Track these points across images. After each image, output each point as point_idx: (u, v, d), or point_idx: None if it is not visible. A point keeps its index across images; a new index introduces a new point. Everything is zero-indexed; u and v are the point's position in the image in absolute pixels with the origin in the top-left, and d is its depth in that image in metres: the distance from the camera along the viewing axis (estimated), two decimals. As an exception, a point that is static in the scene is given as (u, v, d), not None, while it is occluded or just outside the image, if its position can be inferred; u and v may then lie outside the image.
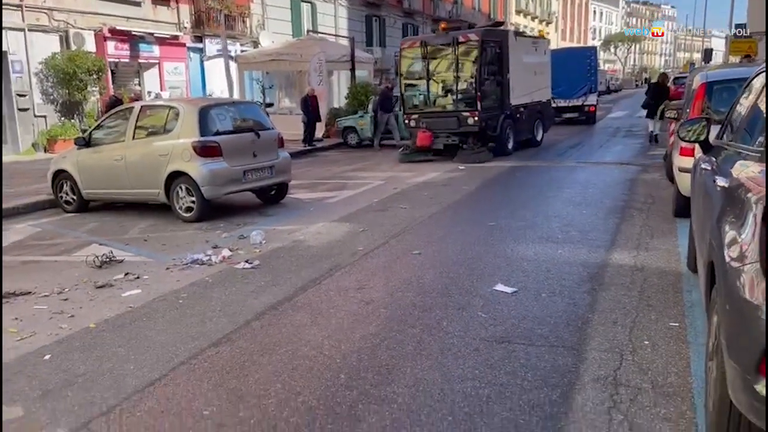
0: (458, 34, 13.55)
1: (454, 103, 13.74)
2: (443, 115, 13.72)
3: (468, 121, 13.21)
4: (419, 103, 14.46)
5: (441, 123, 13.63)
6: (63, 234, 7.85)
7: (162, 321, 4.59)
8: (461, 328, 4.23)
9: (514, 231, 6.91)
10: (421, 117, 13.95)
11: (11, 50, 15.92)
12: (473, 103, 13.29)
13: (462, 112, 13.38)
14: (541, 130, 16.16)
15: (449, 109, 13.77)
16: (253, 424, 3.09)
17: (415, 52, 14.21)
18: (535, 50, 16.07)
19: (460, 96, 13.62)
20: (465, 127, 13.28)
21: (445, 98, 14.00)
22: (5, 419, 3.22)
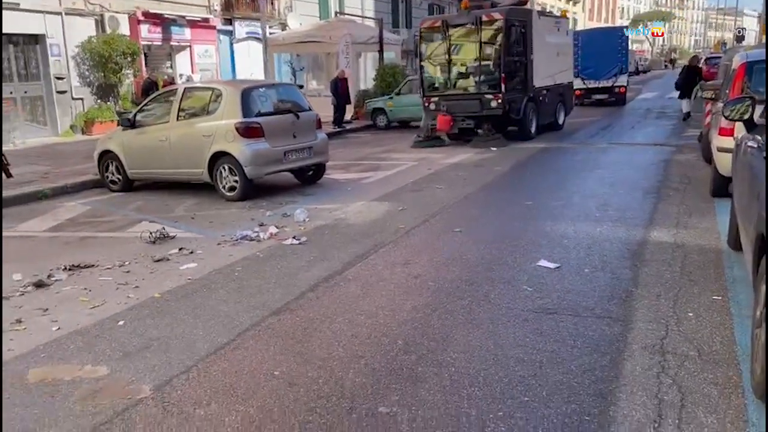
0: (481, 13, 12.97)
1: (476, 85, 13.21)
2: (465, 98, 13.24)
3: (491, 103, 12.76)
4: (439, 85, 13.89)
5: (462, 106, 13.17)
6: (112, 212, 8.17)
7: (222, 292, 4.85)
8: (509, 300, 4.41)
9: (551, 210, 7.04)
10: (441, 100, 13.41)
11: (49, 34, 16.28)
12: (497, 85, 12.82)
13: (485, 94, 12.87)
14: (563, 113, 15.71)
15: (471, 91, 13.25)
16: (322, 384, 3.32)
17: (436, 32, 13.70)
18: (557, 30, 15.55)
19: (482, 78, 13.13)
20: (488, 110, 12.84)
21: (467, 80, 13.45)
22: (92, 377, 3.50)
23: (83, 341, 4.00)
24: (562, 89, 15.62)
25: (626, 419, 2.87)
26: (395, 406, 3.06)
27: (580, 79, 22.41)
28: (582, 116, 18.47)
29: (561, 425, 2.84)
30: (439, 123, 12.99)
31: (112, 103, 17.91)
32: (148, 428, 2.96)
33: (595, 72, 21.82)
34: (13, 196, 8.88)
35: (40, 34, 16.10)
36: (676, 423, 2.82)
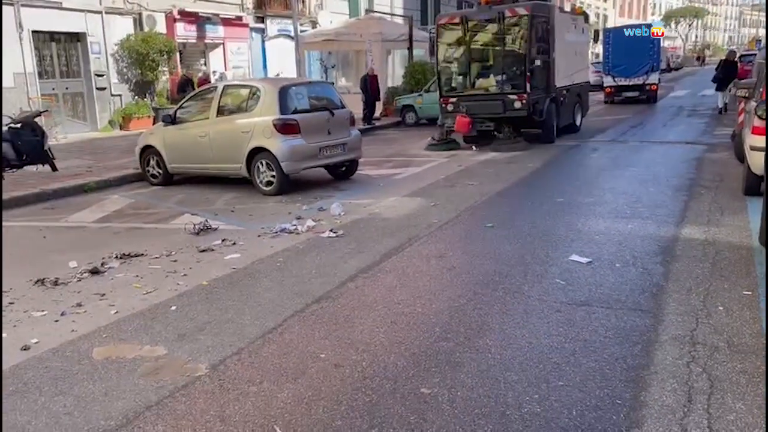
0: (504, 8, 12.20)
1: (498, 84, 12.52)
2: (486, 98, 12.52)
3: (514, 104, 12.02)
4: (458, 85, 13.19)
5: (483, 107, 12.46)
6: (155, 204, 8.50)
7: (266, 280, 5.10)
8: (542, 292, 4.57)
9: (583, 206, 7.16)
10: (460, 100, 12.64)
11: (90, 32, 16.80)
12: (521, 85, 12.12)
13: (508, 94, 12.15)
14: (580, 114, 15.00)
15: (493, 91, 12.53)
16: (365, 366, 3.53)
17: (454, 28, 12.86)
18: (574, 27, 14.77)
19: (505, 77, 12.46)
20: (511, 112, 12.14)
21: (488, 79, 12.72)
22: (152, 356, 3.76)
23: (140, 324, 4.27)
24: (579, 89, 14.97)
25: (657, 403, 3.02)
26: (436, 388, 3.25)
27: (610, 76, 22.33)
28: (612, 114, 18.41)
29: (594, 408, 3.01)
30: (458, 124, 12.30)
31: (149, 99, 18.40)
32: (207, 402, 3.20)
33: (625, 69, 21.68)
34: (61, 188, 9.30)
35: (81, 33, 16.63)
36: (706, 408, 2.96)
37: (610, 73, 22.30)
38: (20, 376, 3.56)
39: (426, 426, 2.91)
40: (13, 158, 10.03)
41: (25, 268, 5.61)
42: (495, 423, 2.91)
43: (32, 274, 5.38)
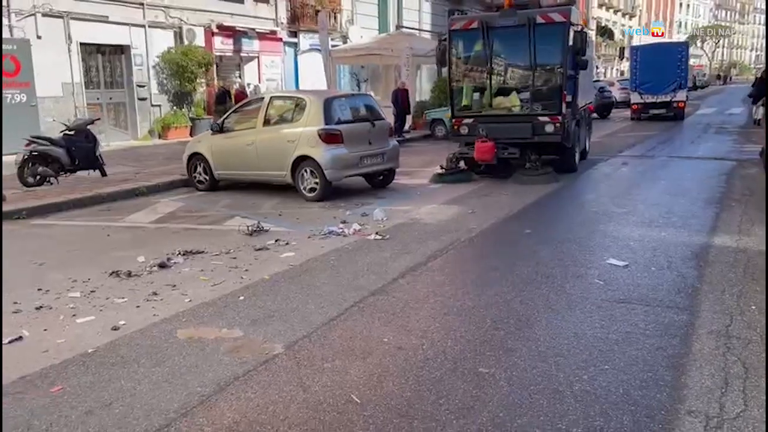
0: (535, 13, 10.22)
1: (524, 103, 10.56)
2: (511, 120, 10.58)
3: (546, 128, 10.19)
4: (474, 103, 10.94)
5: (507, 130, 10.42)
6: (205, 208, 8.97)
7: (322, 276, 5.49)
8: (582, 291, 4.90)
9: (617, 216, 7.46)
10: (478, 122, 10.62)
11: (133, 45, 17.51)
12: (556, 105, 10.24)
13: (538, 116, 10.31)
14: (588, 138, 13.35)
15: (517, 111, 10.61)
16: (426, 349, 3.89)
17: (471, 35, 10.75)
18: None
19: (535, 95, 10.49)
20: (542, 137, 10.27)
21: (511, 98, 10.71)
22: (231, 337, 4.16)
23: (214, 311, 4.68)
24: (586, 111, 13.38)
25: (697, 385, 3.34)
26: (493, 368, 3.60)
27: (637, 93, 22.57)
28: (640, 131, 18.64)
29: (639, 387, 3.33)
30: (478, 151, 10.19)
31: (186, 109, 19.05)
32: (287, 375, 3.58)
33: (653, 87, 21.90)
34: (115, 192, 9.82)
35: (125, 45, 17.33)
36: (741, 389, 3.27)
37: (637, 90, 22.54)
38: (116, 351, 3.98)
39: (487, 399, 3.26)
40: (68, 163, 10.64)
41: (97, 262, 6.07)
42: (549, 398, 3.25)
43: (105, 267, 5.82)
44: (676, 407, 3.12)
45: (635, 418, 3.03)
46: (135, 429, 3.04)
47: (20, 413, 3.22)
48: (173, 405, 3.26)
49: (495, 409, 3.15)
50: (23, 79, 14.50)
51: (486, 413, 3.11)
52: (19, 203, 8.77)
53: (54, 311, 4.73)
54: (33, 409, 3.26)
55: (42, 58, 14.88)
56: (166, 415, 3.17)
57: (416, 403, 3.23)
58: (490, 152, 10.20)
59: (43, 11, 15.07)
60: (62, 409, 3.25)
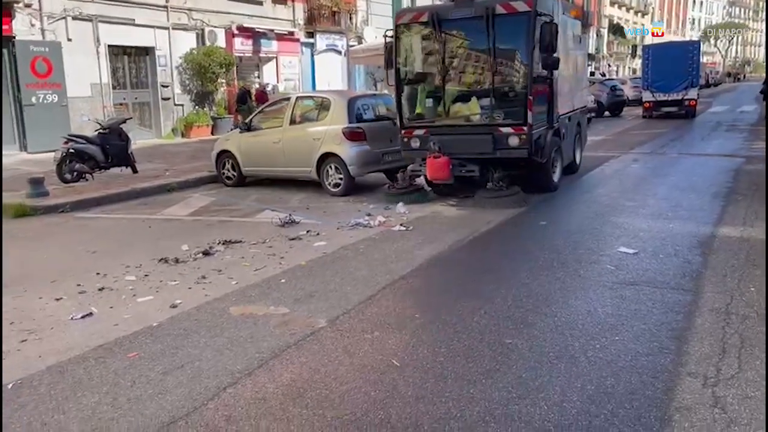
0: (494, 3, 8.24)
1: (485, 111, 8.59)
2: (468, 132, 8.64)
3: (509, 141, 8.21)
4: (426, 111, 9.06)
5: (464, 143, 8.47)
6: (236, 202, 9.48)
7: (354, 262, 5.96)
8: (595, 275, 5.34)
9: (627, 209, 7.87)
10: (431, 133, 8.70)
11: (158, 46, 18.08)
12: (520, 113, 8.25)
13: (500, 126, 8.31)
14: (579, 149, 11.28)
15: (477, 121, 8.66)
16: (455, 323, 4.35)
17: (419, 30, 8.91)
18: (572, 35, 10.59)
19: (495, 101, 8.51)
20: (505, 151, 8.29)
21: (470, 104, 8.72)
22: (278, 313, 4.64)
23: (259, 291, 5.17)
24: (579, 117, 11.24)
25: (697, 352, 3.77)
26: (515, 339, 4.05)
27: (649, 91, 22.86)
28: (651, 128, 18.95)
29: (646, 354, 3.77)
30: (430, 169, 8.43)
31: (208, 109, 19.61)
32: (333, 344, 4.06)
33: (664, 85, 22.18)
34: (149, 187, 10.37)
35: (150, 47, 17.91)
36: (737, 356, 3.70)
37: (648, 88, 22.82)
38: (178, 325, 4.47)
39: (511, 363, 3.72)
40: (102, 160, 11.17)
41: (144, 250, 6.59)
42: (566, 362, 3.70)
43: (153, 254, 6.33)
44: (678, 370, 3.56)
45: (642, 378, 3.47)
46: (207, 386, 3.53)
47: (105, 373, 3.72)
48: (237, 367, 3.75)
49: (518, 371, 3.61)
50: (55, 80, 15.14)
51: (511, 374, 3.57)
52: (62, 198, 9.33)
53: (115, 292, 5.24)
54: (116, 370, 3.76)
55: (72, 60, 15.50)
56: (232, 375, 3.65)
57: (449, 366, 3.69)
58: (444, 170, 8.31)
59: (73, 15, 15.67)
60: (141, 370, 3.75)
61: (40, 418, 3.23)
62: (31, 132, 14.81)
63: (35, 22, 15.04)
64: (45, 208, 8.87)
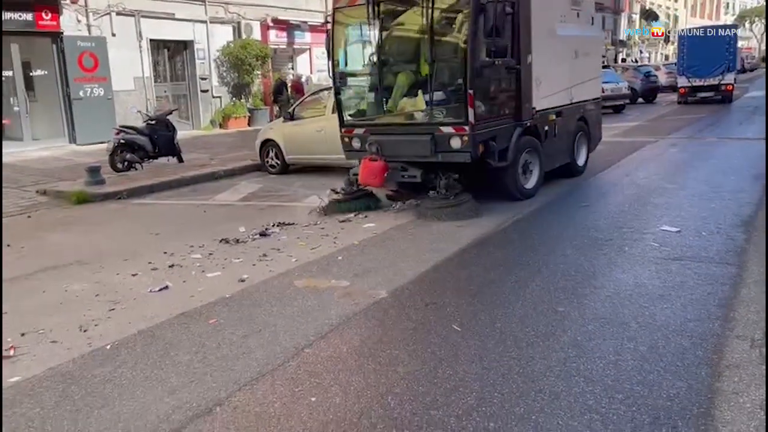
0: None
1: (426, 108, 7.40)
2: (407, 131, 7.58)
3: (452, 142, 7.04)
4: (368, 107, 8.27)
5: (403, 145, 7.44)
6: (282, 189, 9.84)
7: (403, 241, 6.25)
8: (640, 251, 5.54)
9: (668, 191, 8.01)
10: (371, 132, 7.72)
11: (196, 40, 18.56)
12: (460, 110, 7.06)
13: (440, 125, 7.15)
14: (584, 149, 9.81)
15: (418, 119, 7.56)
16: (507, 294, 4.61)
17: (358, 15, 7.76)
18: (577, 16, 9.29)
19: (436, 96, 7.37)
20: (447, 155, 7.14)
21: (415, 100, 7.58)
22: (340, 286, 4.95)
23: (319, 267, 5.49)
24: (584, 111, 9.74)
25: (744, 318, 3.98)
26: (567, 308, 4.30)
27: (684, 77, 22.63)
28: (687, 113, 18.84)
29: (694, 320, 3.98)
30: (363, 173, 7.48)
31: (245, 100, 20.06)
32: (397, 312, 4.36)
33: (700, 70, 21.93)
34: (197, 175, 10.81)
35: (189, 40, 18.40)
36: (782, 322, 3.90)
37: (684, 73, 22.59)
38: (249, 296, 4.82)
39: (565, 328, 3.97)
40: (150, 150, 11.65)
41: (204, 232, 6.97)
42: (617, 327, 3.93)
43: (213, 235, 6.70)
44: (725, 333, 3.77)
45: (692, 340, 3.70)
46: (286, 347, 3.86)
47: (191, 336, 4.08)
48: (310, 331, 4.08)
49: (573, 335, 3.86)
50: (101, 74, 15.69)
51: (566, 337, 3.82)
52: (118, 186, 9.81)
53: (185, 268, 5.62)
54: (200, 334, 4.12)
55: (116, 55, 16.04)
56: (307, 338, 3.98)
57: (506, 330, 3.96)
58: (377, 175, 7.33)
59: (117, 10, 16.19)
60: (223, 334, 4.10)
61: (141, 373, 3.60)
62: (80, 125, 15.40)
63: (81, 18, 15.60)
64: (103, 195, 9.35)
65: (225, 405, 3.19)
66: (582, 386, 3.21)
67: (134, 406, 3.21)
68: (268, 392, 3.32)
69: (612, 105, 21.00)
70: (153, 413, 3.13)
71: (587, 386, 3.21)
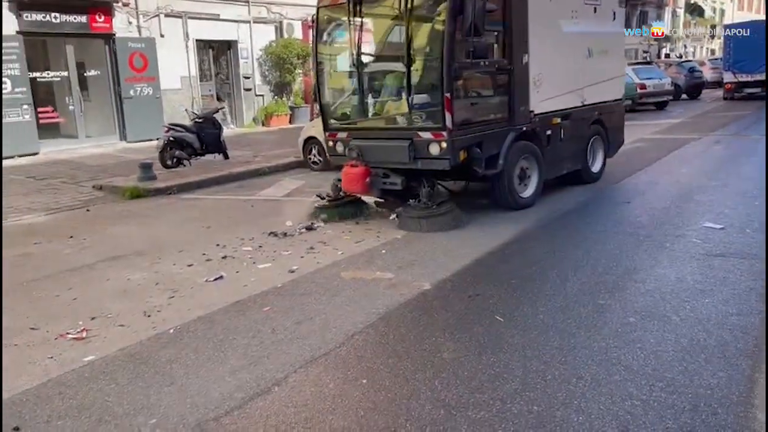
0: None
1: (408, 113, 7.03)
2: (387, 136, 7.21)
3: (431, 148, 6.63)
4: (351, 110, 7.98)
5: (382, 150, 7.09)
6: (325, 185, 9.91)
7: (444, 236, 6.39)
8: (682, 247, 5.58)
9: (711, 188, 7.97)
10: (353, 137, 7.39)
11: (240, 39, 19.02)
12: (438, 114, 6.60)
13: (418, 131, 6.78)
14: (600, 154, 9.10)
15: (399, 124, 7.35)
16: (549, 287, 4.73)
17: (340, 14, 7.45)
18: (593, 11, 8.63)
19: (418, 100, 7.00)
20: (426, 162, 6.75)
21: (398, 103, 7.38)
22: (385, 278, 5.15)
23: (364, 260, 5.70)
24: (600, 113, 8.97)
25: (786, 313, 4.03)
26: (608, 301, 4.41)
27: (730, 72, 22.14)
28: (733, 110, 18.44)
29: (735, 314, 4.05)
30: (345, 179, 7.25)
31: (286, 99, 20.46)
32: (439, 303, 4.53)
33: (746, 65, 21.42)
34: (243, 171, 11.17)
35: (233, 40, 18.86)
36: (826, 317, 3.94)
37: (730, 69, 22.10)
38: (299, 286, 5.06)
39: (606, 320, 4.08)
40: (198, 147, 12.04)
41: (252, 225, 7.25)
42: (658, 320, 4.03)
43: (261, 229, 6.98)
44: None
45: (733, 334, 3.77)
46: (336, 333, 4.07)
47: (247, 322, 4.34)
48: (359, 319, 4.28)
49: (614, 326, 3.97)
50: (150, 74, 16.24)
51: (607, 329, 3.94)
52: (169, 181, 10.21)
53: (236, 260, 5.90)
54: (256, 320, 4.37)
55: (164, 55, 16.57)
56: (356, 325, 4.18)
57: (548, 321, 4.10)
58: (360, 181, 7.07)
59: (166, 12, 16.73)
60: (277, 319, 4.34)
61: (204, 355, 3.86)
62: (129, 123, 15.97)
63: (132, 20, 16.18)
64: (155, 190, 9.76)
65: (283, 385, 3.42)
66: (623, 375, 3.33)
67: (199, 385, 3.46)
68: (322, 374, 3.54)
69: (655, 101, 20.73)
70: (217, 391, 3.38)
71: (628, 375, 3.33)
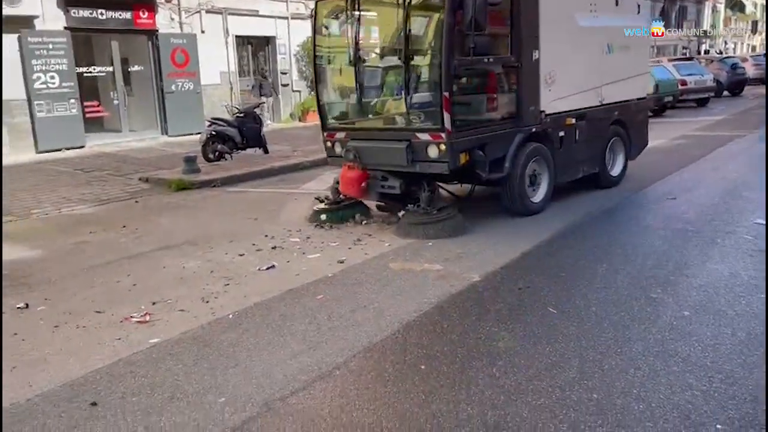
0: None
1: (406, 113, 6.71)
2: (385, 137, 6.89)
3: (429, 151, 6.29)
4: (350, 109, 7.61)
5: (381, 152, 6.74)
6: (365, 179, 10.18)
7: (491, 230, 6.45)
8: (733, 243, 5.53)
9: (758, 185, 7.82)
10: (350, 138, 7.08)
11: (278, 35, 19.25)
12: (436, 115, 6.23)
13: (416, 132, 6.44)
14: (621, 156, 8.61)
15: (397, 124, 7.10)
16: (599, 280, 4.75)
17: (340, 11, 7.15)
18: (615, 4, 8.20)
19: (419, 99, 6.69)
20: (424, 165, 6.39)
21: (397, 102, 7.05)
22: (433, 269, 5.22)
23: (411, 252, 5.78)
24: (621, 113, 8.46)
25: None
26: (660, 294, 4.41)
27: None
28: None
29: (793, 310, 4.03)
30: (342, 181, 7.00)
31: (322, 94, 20.62)
32: (491, 294, 4.59)
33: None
34: (284, 166, 11.35)
35: (271, 36, 19.10)
36: None
37: (774, 65, 21.57)
38: (349, 277, 5.16)
39: (660, 313, 4.09)
40: (239, 142, 12.27)
41: (298, 217, 7.39)
42: (713, 314, 4.02)
43: (308, 221, 7.10)
44: (827, 323, 3.80)
45: (791, 329, 3.76)
46: (390, 321, 4.16)
47: (303, 310, 4.46)
48: (411, 308, 4.37)
49: (668, 319, 3.98)
50: (191, 69, 16.54)
51: (661, 321, 3.95)
52: (212, 175, 10.43)
53: (286, 250, 6.04)
54: (311, 307, 4.49)
55: (205, 50, 16.86)
56: (408, 314, 4.27)
57: (602, 313, 4.12)
58: (356, 185, 6.78)
59: (207, 8, 17.03)
60: (332, 308, 4.45)
61: (264, 339, 3.99)
62: (171, 117, 16.30)
63: (174, 17, 16.51)
64: (200, 182, 9.99)
65: (343, 368, 3.53)
66: (681, 366, 3.35)
67: (263, 367, 3.59)
68: (380, 359, 3.63)
69: (696, 98, 20.34)
70: (280, 373, 3.50)
71: (686, 366, 3.35)
